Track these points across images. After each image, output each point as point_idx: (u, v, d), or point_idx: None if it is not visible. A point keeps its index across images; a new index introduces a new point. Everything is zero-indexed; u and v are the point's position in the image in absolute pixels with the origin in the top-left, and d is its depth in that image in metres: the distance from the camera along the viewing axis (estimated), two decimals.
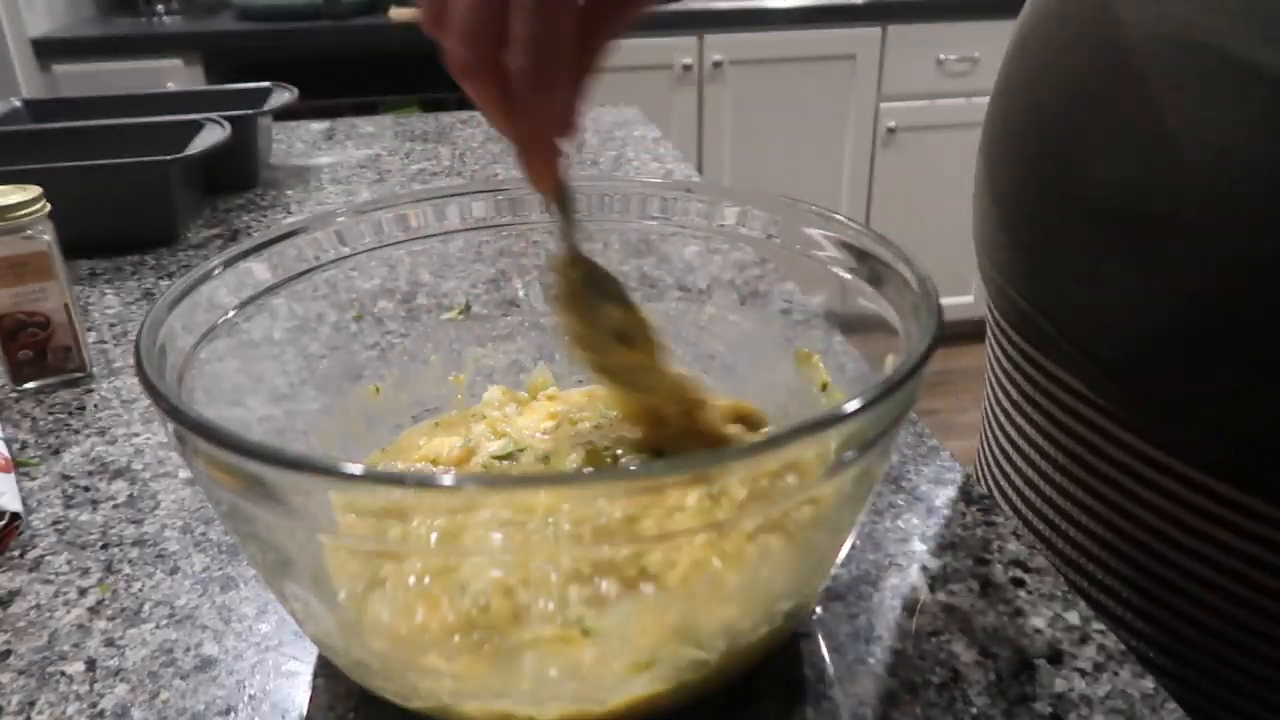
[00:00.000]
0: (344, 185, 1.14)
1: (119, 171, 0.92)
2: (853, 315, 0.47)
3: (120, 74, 2.16)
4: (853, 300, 0.46)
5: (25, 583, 0.49)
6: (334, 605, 0.37)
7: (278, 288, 0.48)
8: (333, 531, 0.33)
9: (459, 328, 0.57)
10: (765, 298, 0.54)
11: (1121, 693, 0.40)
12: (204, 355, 0.42)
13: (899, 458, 0.57)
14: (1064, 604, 0.45)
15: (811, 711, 0.40)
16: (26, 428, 0.63)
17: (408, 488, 0.30)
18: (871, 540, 0.50)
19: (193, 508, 0.54)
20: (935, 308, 0.38)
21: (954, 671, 0.42)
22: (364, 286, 0.53)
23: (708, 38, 2.31)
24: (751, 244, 0.52)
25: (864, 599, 0.46)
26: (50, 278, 0.66)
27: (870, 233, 0.45)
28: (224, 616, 0.46)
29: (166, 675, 0.42)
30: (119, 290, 0.84)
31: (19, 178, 0.69)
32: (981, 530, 0.51)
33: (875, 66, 2.40)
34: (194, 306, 0.42)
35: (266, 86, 1.20)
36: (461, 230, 0.53)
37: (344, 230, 0.50)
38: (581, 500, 0.33)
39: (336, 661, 0.40)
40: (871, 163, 2.50)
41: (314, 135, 1.36)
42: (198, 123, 1.02)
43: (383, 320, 0.55)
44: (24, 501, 0.55)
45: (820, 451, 0.32)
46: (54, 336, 0.67)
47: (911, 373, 0.34)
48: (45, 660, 0.43)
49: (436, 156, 1.24)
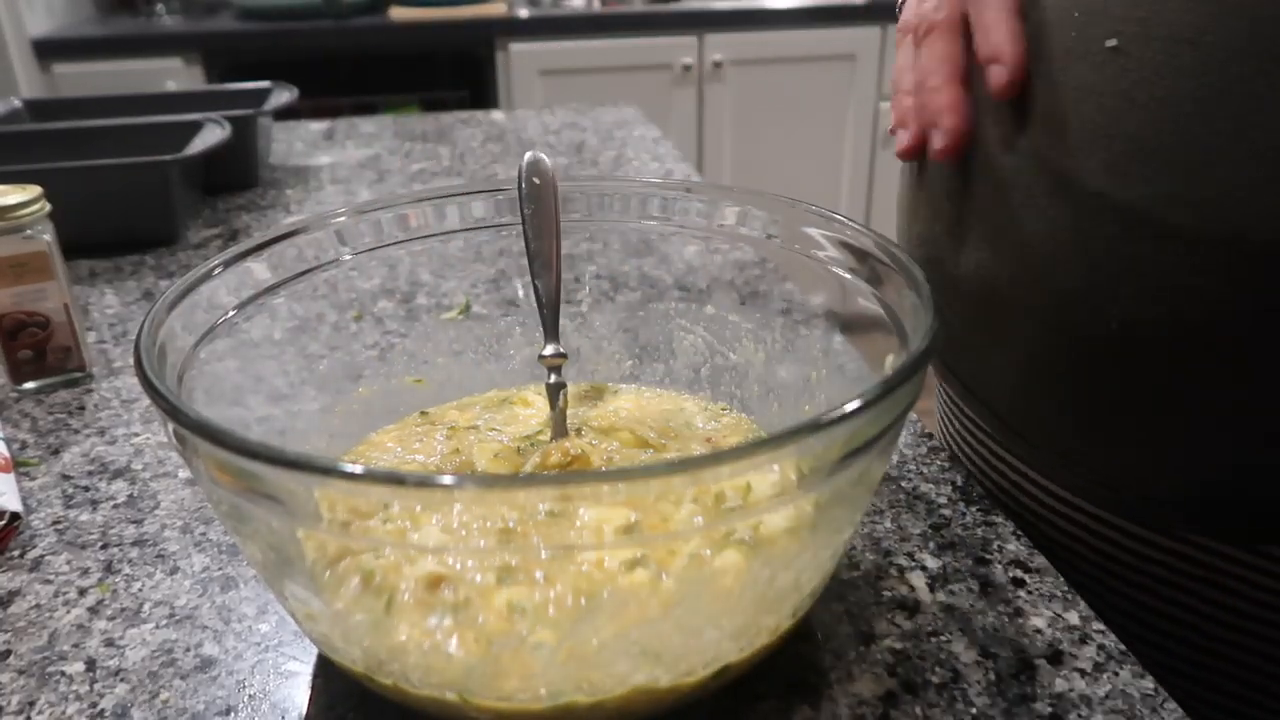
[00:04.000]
0: (344, 185, 1.14)
1: (119, 171, 0.92)
2: (853, 315, 0.47)
3: (120, 74, 2.16)
4: (853, 300, 0.46)
5: (25, 583, 0.49)
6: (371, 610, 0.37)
7: (278, 288, 0.48)
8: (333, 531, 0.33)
9: (459, 328, 0.57)
10: (765, 298, 0.54)
11: (1121, 693, 0.40)
12: (204, 355, 0.42)
13: (899, 458, 0.57)
14: (1064, 604, 0.45)
15: (811, 711, 0.40)
16: (26, 428, 0.63)
17: (407, 487, 0.30)
18: (871, 540, 0.50)
19: (193, 508, 0.54)
20: (935, 308, 0.38)
21: (954, 671, 0.42)
22: (364, 286, 0.53)
23: (708, 38, 2.31)
24: (751, 244, 0.52)
25: (864, 599, 0.46)
26: (50, 278, 0.66)
27: (870, 233, 0.45)
28: (224, 616, 0.46)
29: (166, 675, 0.42)
30: (119, 290, 0.84)
31: (19, 178, 0.69)
32: (981, 530, 0.50)
33: (875, 66, 2.39)
34: (194, 306, 0.42)
35: (266, 86, 1.20)
36: (461, 230, 0.53)
37: (344, 230, 0.50)
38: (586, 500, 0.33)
39: (336, 661, 0.40)
40: (871, 163, 2.50)
41: (314, 135, 1.36)
42: (198, 123, 1.02)
43: (383, 320, 0.55)
44: (24, 501, 0.55)
45: (820, 452, 0.32)
46: (54, 336, 0.67)
47: (911, 373, 0.34)
48: (45, 660, 0.43)
49: (436, 156, 1.24)
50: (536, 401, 0.54)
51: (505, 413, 0.53)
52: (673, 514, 0.37)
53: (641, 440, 0.49)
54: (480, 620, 0.35)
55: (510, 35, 2.24)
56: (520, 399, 0.55)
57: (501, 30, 2.24)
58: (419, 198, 0.52)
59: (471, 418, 0.53)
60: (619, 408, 0.53)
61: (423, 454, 0.49)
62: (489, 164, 1.20)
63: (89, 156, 0.95)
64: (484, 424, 0.52)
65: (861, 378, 0.46)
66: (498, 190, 0.53)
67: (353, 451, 0.51)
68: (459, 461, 0.48)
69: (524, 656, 0.35)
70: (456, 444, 0.49)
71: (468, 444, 0.49)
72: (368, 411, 0.53)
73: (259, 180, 1.15)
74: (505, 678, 0.35)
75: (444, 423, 0.52)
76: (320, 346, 0.52)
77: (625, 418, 0.51)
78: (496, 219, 0.54)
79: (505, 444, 0.49)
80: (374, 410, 0.53)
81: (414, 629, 0.35)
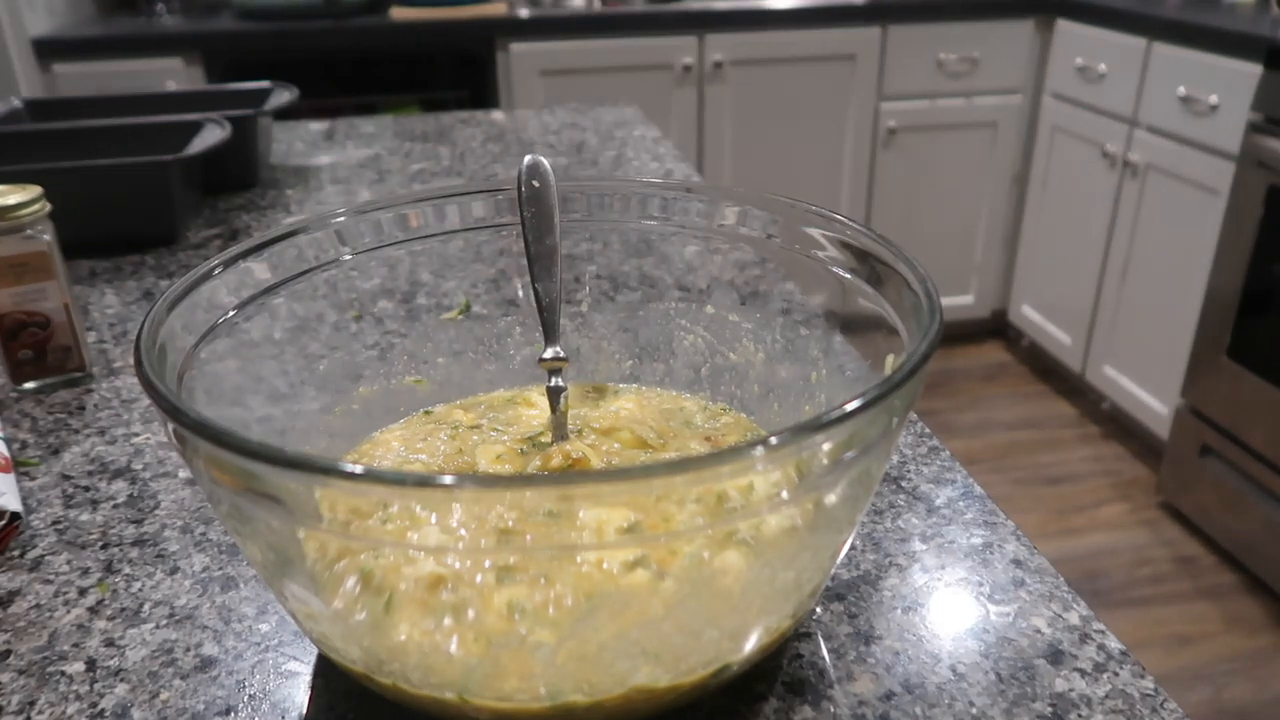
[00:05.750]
0: (344, 185, 1.14)
1: (119, 171, 0.92)
2: (853, 315, 0.47)
3: (120, 74, 2.16)
4: (853, 300, 0.46)
5: (25, 583, 0.49)
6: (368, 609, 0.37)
7: (278, 288, 0.48)
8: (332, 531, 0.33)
9: (459, 328, 0.57)
10: (765, 298, 0.54)
11: (1121, 693, 0.40)
12: (204, 355, 0.42)
13: (899, 458, 0.57)
14: (1064, 604, 0.45)
15: (811, 711, 0.40)
16: (26, 428, 0.63)
17: (407, 487, 0.30)
18: (871, 540, 0.50)
19: (193, 508, 0.54)
20: (935, 308, 0.38)
21: (954, 671, 0.42)
22: (364, 286, 0.53)
23: (708, 38, 2.31)
24: (751, 244, 0.52)
25: (864, 599, 0.46)
26: (50, 278, 0.66)
27: (870, 233, 0.45)
28: (224, 616, 0.46)
29: (166, 675, 0.42)
30: (119, 290, 0.84)
31: (19, 178, 0.69)
32: (983, 530, 0.50)
33: (875, 66, 2.39)
34: (194, 306, 0.42)
35: (266, 86, 1.20)
36: (461, 230, 0.53)
37: (344, 230, 0.50)
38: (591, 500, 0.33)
39: (336, 661, 0.40)
40: (871, 163, 2.50)
41: (314, 135, 1.36)
42: (198, 123, 1.02)
43: (383, 320, 0.55)
44: (24, 501, 0.55)
45: (820, 452, 0.32)
46: (54, 336, 0.67)
47: (911, 373, 0.34)
48: (45, 660, 0.43)
49: (436, 156, 1.24)
50: (541, 402, 0.54)
51: (509, 413, 0.53)
52: (675, 514, 0.37)
53: (641, 440, 0.49)
54: (480, 620, 0.35)
55: (510, 35, 2.24)
56: (524, 399, 0.55)
57: (502, 30, 2.24)
58: (419, 198, 0.52)
59: (475, 418, 0.53)
60: (620, 408, 0.53)
61: (425, 454, 0.49)
62: (489, 164, 1.20)
63: (89, 156, 0.95)
64: (487, 424, 0.52)
65: (861, 378, 0.46)
66: (498, 190, 0.53)
67: (356, 450, 0.51)
68: (461, 462, 0.48)
69: (524, 656, 0.35)
70: (459, 444, 0.49)
71: (470, 445, 0.49)
72: (368, 411, 0.53)
73: (259, 180, 1.15)
74: (505, 678, 0.35)
75: (448, 422, 0.52)
76: (320, 346, 0.52)
77: (626, 418, 0.51)
78: (496, 219, 0.54)
79: (508, 445, 0.49)
80: (374, 410, 0.53)
81: (414, 629, 0.35)
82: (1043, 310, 2.50)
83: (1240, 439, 1.81)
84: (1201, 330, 1.90)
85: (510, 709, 0.36)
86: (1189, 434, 1.94)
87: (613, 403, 0.55)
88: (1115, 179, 2.15)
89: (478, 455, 0.48)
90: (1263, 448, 1.76)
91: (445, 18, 2.25)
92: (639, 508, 0.37)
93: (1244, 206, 1.77)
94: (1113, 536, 1.98)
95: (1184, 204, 1.95)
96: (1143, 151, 2.05)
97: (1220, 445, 1.86)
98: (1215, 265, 1.85)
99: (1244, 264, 1.77)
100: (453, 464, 0.48)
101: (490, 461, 0.47)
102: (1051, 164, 2.40)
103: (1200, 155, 1.89)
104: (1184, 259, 1.96)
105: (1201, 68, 1.88)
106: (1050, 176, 2.41)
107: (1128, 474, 2.17)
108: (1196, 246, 1.91)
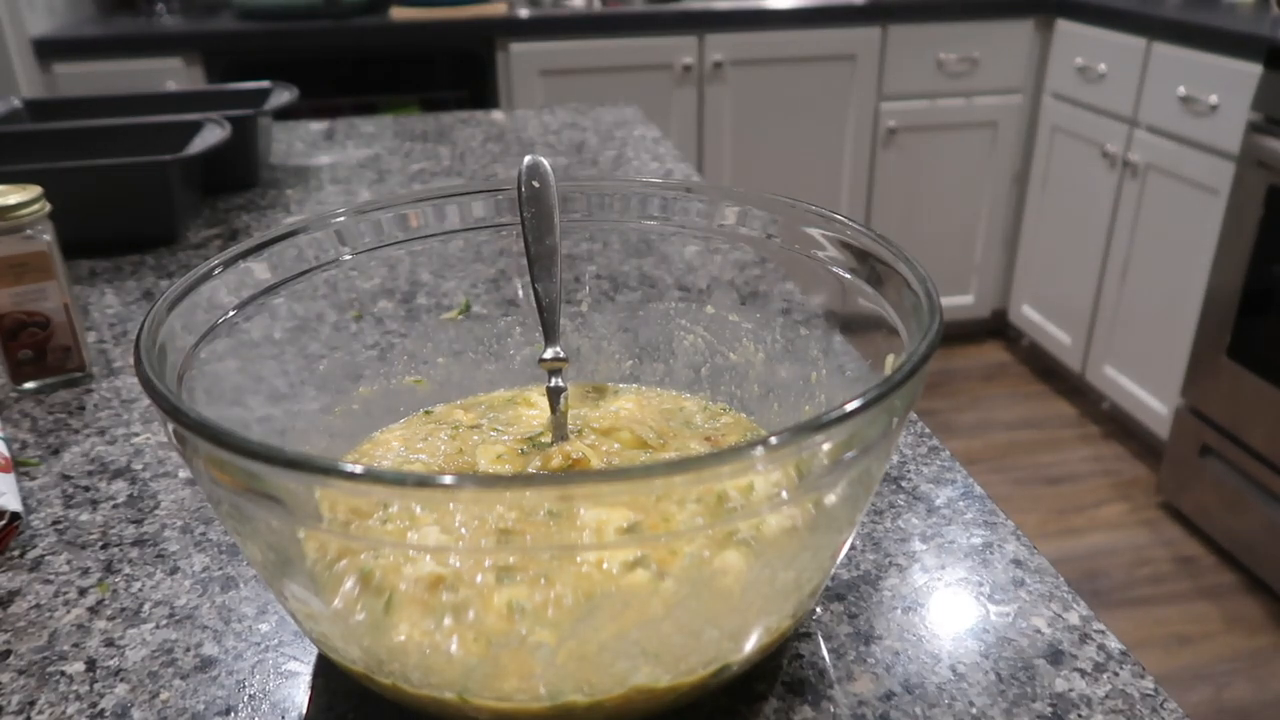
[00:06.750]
0: (344, 185, 1.14)
1: (119, 171, 0.92)
2: (853, 315, 0.47)
3: (120, 74, 2.16)
4: (853, 300, 0.46)
5: (25, 583, 0.49)
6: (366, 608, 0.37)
7: (278, 288, 0.48)
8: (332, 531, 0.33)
9: (459, 328, 0.57)
10: (765, 298, 0.54)
11: (1121, 693, 0.40)
12: (204, 355, 0.42)
13: (899, 458, 0.57)
14: (1064, 604, 0.45)
15: (811, 711, 0.40)
16: (26, 428, 0.63)
17: (407, 487, 0.30)
18: (871, 540, 0.50)
19: (193, 508, 0.54)
20: (935, 308, 0.38)
21: (954, 671, 0.42)
22: (364, 286, 0.53)
23: (708, 38, 2.31)
24: (751, 244, 0.52)
25: (864, 599, 0.46)
26: (50, 278, 0.66)
27: (870, 233, 0.45)
28: (224, 616, 0.46)
29: (166, 675, 0.42)
30: (119, 290, 0.84)
31: (19, 178, 0.69)
32: (983, 530, 0.50)
33: (875, 66, 2.39)
34: (194, 306, 0.42)
35: (266, 86, 1.20)
36: (461, 230, 0.53)
37: (344, 230, 0.50)
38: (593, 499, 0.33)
39: (336, 661, 0.40)
40: (871, 163, 2.50)
41: (314, 135, 1.36)
42: (198, 123, 1.02)
43: (383, 320, 0.55)
44: (24, 501, 0.55)
45: (820, 452, 0.32)
46: (54, 336, 0.67)
47: (911, 373, 0.34)
48: (45, 660, 0.43)
49: (436, 156, 1.24)
50: (541, 402, 0.54)
51: (509, 413, 0.53)
52: (675, 514, 0.37)
53: (641, 441, 0.49)
54: (480, 620, 0.35)
55: (510, 35, 2.24)
56: (524, 399, 0.55)
57: (502, 30, 2.24)
58: (419, 198, 0.52)
59: (475, 418, 0.53)
60: (620, 408, 0.53)
61: (425, 454, 0.49)
62: (489, 164, 1.20)
63: (89, 156, 0.95)
64: (487, 424, 0.52)
65: (861, 378, 0.46)
66: (498, 190, 0.53)
67: (356, 450, 0.51)
68: (461, 462, 0.48)
69: (523, 656, 0.35)
70: (459, 444, 0.49)
71: (470, 445, 0.49)
72: (368, 411, 0.53)
73: (259, 180, 1.15)
74: (505, 678, 0.35)
75: (448, 422, 0.52)
76: (320, 346, 0.52)
77: (626, 418, 0.51)
78: (496, 219, 0.54)
79: (508, 445, 0.49)
80: (374, 410, 0.53)
81: (414, 629, 0.35)
82: (1043, 310, 2.50)
83: (1240, 439, 1.81)
84: (1201, 330, 1.90)
85: (510, 709, 0.36)
86: (1189, 434, 1.94)
87: (613, 403, 0.55)
88: (1115, 179, 2.15)
89: (478, 455, 0.48)
90: (1263, 448, 1.76)
91: (445, 18, 2.25)
92: (639, 508, 0.37)
93: (1244, 206, 1.77)
94: (1113, 536, 1.98)
95: (1184, 204, 1.95)
96: (1143, 151, 2.05)
97: (1220, 445, 1.86)
98: (1215, 265, 1.85)
99: (1244, 264, 1.77)
100: (453, 464, 0.48)
101: (490, 461, 0.47)
102: (1051, 164, 2.40)
103: (1200, 155, 1.89)
104: (1184, 259, 1.96)
105: (1201, 68, 1.88)
106: (1050, 176, 2.41)
107: (1128, 474, 2.17)
108: (1196, 246, 1.92)
